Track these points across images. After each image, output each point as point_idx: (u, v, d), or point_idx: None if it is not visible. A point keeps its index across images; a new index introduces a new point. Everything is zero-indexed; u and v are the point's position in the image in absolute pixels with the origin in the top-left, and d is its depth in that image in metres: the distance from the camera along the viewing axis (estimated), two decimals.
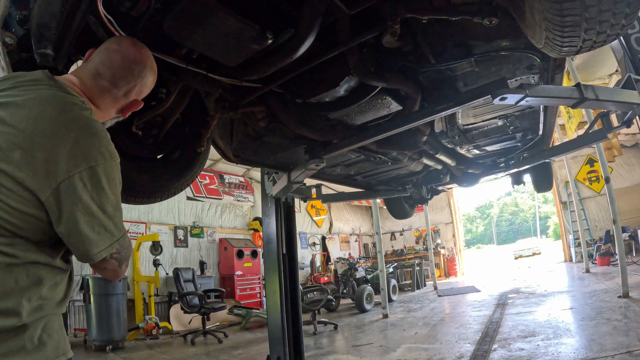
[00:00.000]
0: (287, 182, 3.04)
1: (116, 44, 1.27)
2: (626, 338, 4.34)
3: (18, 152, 0.98)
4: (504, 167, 3.99)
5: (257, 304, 10.80)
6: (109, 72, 1.23)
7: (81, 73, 1.23)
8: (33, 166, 0.98)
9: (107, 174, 1.08)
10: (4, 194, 0.97)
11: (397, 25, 1.63)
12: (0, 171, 0.97)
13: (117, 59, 1.24)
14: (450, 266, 18.74)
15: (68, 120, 1.06)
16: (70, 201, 1.01)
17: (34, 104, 1.05)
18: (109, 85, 1.24)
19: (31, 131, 1.00)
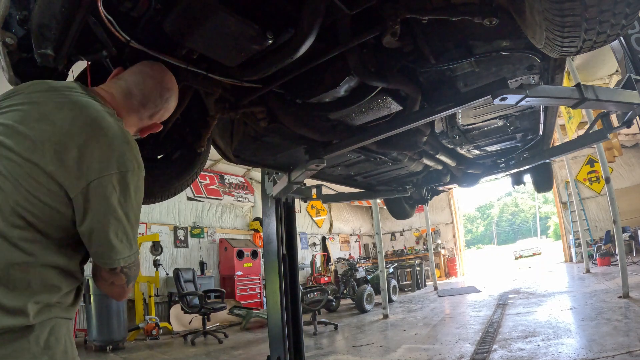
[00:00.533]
0: (288, 183, 3.04)
1: (150, 68, 1.38)
2: (626, 338, 4.34)
3: (52, 148, 1.00)
4: (504, 168, 3.99)
5: (257, 304, 10.80)
6: (140, 94, 1.32)
7: (112, 89, 1.29)
8: (66, 163, 1.00)
9: (135, 182, 1.11)
10: (34, 187, 0.98)
11: (397, 26, 1.63)
12: (33, 163, 0.99)
13: (150, 84, 1.35)
14: (451, 266, 18.74)
15: (103, 126, 1.09)
16: (97, 201, 1.03)
17: (71, 107, 1.09)
18: (138, 105, 1.32)
19: (67, 130, 1.03)
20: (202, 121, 2.26)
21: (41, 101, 1.10)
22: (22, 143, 1.00)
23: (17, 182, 0.97)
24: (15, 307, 0.91)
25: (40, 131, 1.02)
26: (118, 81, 1.34)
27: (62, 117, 1.05)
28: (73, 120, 1.06)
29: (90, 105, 1.13)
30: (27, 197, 0.97)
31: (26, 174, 0.98)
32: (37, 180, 0.98)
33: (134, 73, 1.36)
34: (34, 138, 1.01)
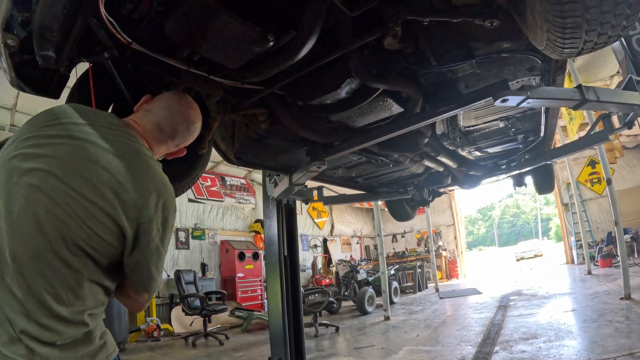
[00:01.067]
0: (289, 184, 3.04)
1: (178, 103, 1.48)
2: (628, 340, 4.33)
3: (111, 192, 1.15)
4: (506, 169, 3.98)
5: (258, 306, 10.80)
6: (170, 129, 1.43)
7: (144, 122, 1.40)
8: (124, 207, 1.16)
9: (171, 224, 1.31)
10: (95, 224, 1.12)
11: (398, 28, 1.63)
12: (95, 205, 1.12)
13: (178, 119, 1.46)
14: (452, 268, 18.72)
15: (153, 175, 1.26)
16: (144, 239, 1.21)
17: (123, 153, 1.21)
18: (167, 138, 1.44)
19: (123, 177, 1.18)
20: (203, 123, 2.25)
21: (89, 139, 1.19)
22: (85, 185, 1.12)
23: (81, 220, 1.10)
24: (78, 320, 1.11)
25: (99, 175, 1.15)
26: (148, 114, 1.42)
27: (117, 163, 1.18)
28: (128, 168, 1.19)
29: (140, 153, 1.27)
30: (89, 233, 1.11)
31: (89, 213, 1.12)
32: (98, 219, 1.12)
33: (164, 109, 1.45)
34: (95, 182, 1.13)
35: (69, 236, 1.09)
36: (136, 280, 1.26)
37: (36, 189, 1.08)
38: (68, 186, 1.10)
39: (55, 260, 1.07)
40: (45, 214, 1.07)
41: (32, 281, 1.04)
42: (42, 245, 1.06)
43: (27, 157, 1.12)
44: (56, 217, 1.08)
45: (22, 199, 1.07)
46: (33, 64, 1.39)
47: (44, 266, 1.06)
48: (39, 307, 1.04)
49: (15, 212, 1.06)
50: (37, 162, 1.11)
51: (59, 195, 1.09)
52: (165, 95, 1.51)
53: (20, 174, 1.09)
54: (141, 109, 1.45)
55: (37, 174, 1.10)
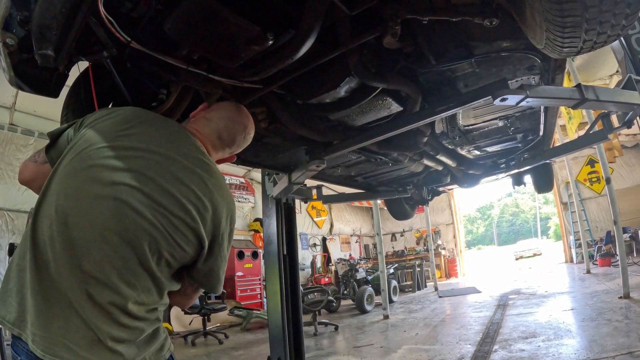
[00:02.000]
0: (288, 183, 3.04)
1: (237, 114, 1.58)
2: (627, 339, 4.34)
3: (194, 208, 1.26)
4: (505, 168, 3.98)
5: (257, 304, 10.80)
6: (229, 138, 1.54)
7: (205, 130, 1.49)
8: (203, 222, 1.28)
9: (234, 232, 1.45)
10: (179, 237, 1.22)
11: (397, 26, 1.63)
12: (180, 219, 1.22)
13: (238, 129, 1.56)
14: (451, 267, 18.74)
15: (224, 191, 1.39)
16: (217, 249, 1.35)
17: (199, 170, 1.32)
18: (226, 147, 1.55)
19: (203, 194, 1.29)
20: None
21: (167, 154, 1.27)
22: (171, 201, 1.22)
23: (168, 233, 1.20)
24: (152, 318, 1.22)
25: (183, 192, 1.25)
26: (209, 123, 1.51)
27: (196, 180, 1.29)
28: (206, 185, 1.30)
29: (212, 168, 1.37)
30: (173, 245, 1.21)
31: (175, 227, 1.21)
32: (182, 232, 1.23)
33: (224, 118, 1.54)
34: (180, 198, 1.23)
35: (155, 247, 1.18)
36: (206, 283, 1.39)
37: (124, 204, 1.14)
38: (155, 202, 1.19)
39: (140, 269, 1.16)
40: (135, 227, 1.14)
41: (116, 289, 1.11)
42: (129, 256, 1.14)
43: (107, 169, 1.17)
44: (144, 230, 1.16)
45: (108, 212, 1.13)
46: (32, 63, 1.39)
47: (130, 274, 1.14)
48: (120, 311, 1.11)
49: (100, 224, 1.11)
50: (120, 176, 1.17)
51: (147, 210, 1.17)
52: (224, 105, 1.61)
53: (103, 185, 1.15)
54: (200, 117, 1.54)
55: (124, 189, 1.16)
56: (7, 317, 1.07)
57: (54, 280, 1.06)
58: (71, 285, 1.06)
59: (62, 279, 1.06)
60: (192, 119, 1.55)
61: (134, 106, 1.47)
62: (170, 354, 1.29)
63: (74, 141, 1.25)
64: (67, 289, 1.05)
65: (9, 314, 1.07)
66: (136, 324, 1.15)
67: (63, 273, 1.06)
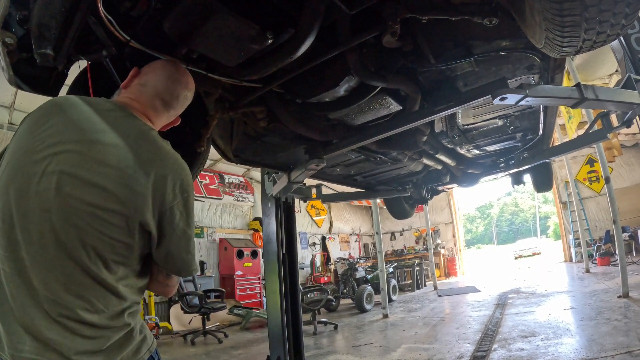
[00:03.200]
0: (287, 182, 3.04)
1: (175, 72, 1.40)
2: (626, 338, 4.35)
3: (126, 190, 1.10)
4: (504, 167, 3.99)
5: (257, 304, 10.80)
6: (171, 99, 1.37)
7: (141, 97, 1.32)
8: (142, 202, 1.11)
9: (192, 202, 1.25)
10: (118, 233, 1.10)
11: (397, 25, 1.63)
12: (112, 212, 1.08)
13: (179, 88, 1.39)
14: (450, 266, 18.74)
15: (164, 157, 1.20)
16: (169, 228, 1.18)
17: (128, 142, 1.15)
18: (167, 109, 1.38)
19: (134, 170, 1.12)
20: (201, 121, 2.25)
21: (90, 138, 1.12)
22: (96, 194, 1.08)
23: (102, 233, 1.07)
24: (120, 323, 1.12)
25: (108, 176, 1.09)
26: (145, 88, 1.34)
27: (124, 156, 1.12)
28: (137, 157, 1.14)
29: (145, 134, 1.21)
30: (113, 244, 1.09)
31: (108, 223, 1.08)
32: (118, 226, 1.09)
33: (163, 79, 1.37)
34: (105, 185, 1.08)
35: (94, 253, 1.07)
36: (171, 268, 1.25)
37: (53, 215, 1.05)
38: (80, 201, 1.07)
39: (86, 279, 1.06)
40: (68, 239, 1.05)
41: (66, 304, 1.04)
42: (71, 268, 1.05)
43: (30, 178, 1.07)
44: (78, 239, 1.05)
45: (44, 228, 1.04)
46: (31, 62, 1.39)
47: (76, 286, 1.05)
48: (78, 323, 1.04)
49: (37, 242, 1.04)
50: (44, 184, 1.06)
51: (75, 216, 1.06)
52: (158, 65, 1.42)
53: (30, 199, 1.06)
54: (134, 84, 1.36)
55: (49, 198, 1.06)
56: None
57: (10, 305, 1.03)
58: (25, 308, 1.02)
59: (17, 301, 1.02)
60: (124, 89, 1.36)
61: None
62: (151, 354, 1.20)
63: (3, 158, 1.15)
64: (22, 313, 1.02)
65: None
66: (100, 333, 1.07)
67: (17, 296, 1.03)
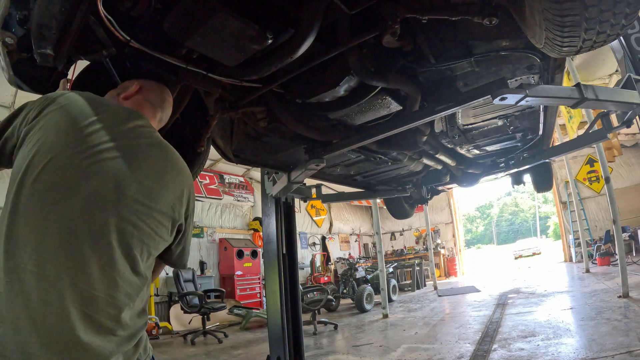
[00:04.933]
0: (287, 182, 3.04)
1: (166, 93, 1.55)
2: (626, 338, 4.35)
3: (173, 196, 1.27)
4: (504, 167, 3.99)
5: (257, 304, 10.80)
6: (164, 115, 1.53)
7: (143, 105, 1.42)
8: (180, 207, 1.30)
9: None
10: (163, 231, 1.24)
11: (397, 25, 1.63)
12: (163, 213, 1.23)
13: (166, 104, 1.54)
14: (450, 266, 18.74)
15: (185, 165, 1.39)
16: (189, 227, 1.39)
17: (159, 148, 1.31)
18: (161, 122, 1.53)
19: (174, 177, 1.30)
20: (201, 121, 2.26)
21: (130, 151, 1.21)
22: (150, 195, 1.20)
23: (154, 231, 1.20)
24: (146, 321, 1.22)
25: (160, 181, 1.24)
26: (145, 102, 1.44)
27: (166, 164, 1.29)
28: (173, 167, 1.31)
29: (176, 158, 1.36)
30: (157, 240, 1.22)
31: (158, 222, 1.22)
32: (164, 225, 1.24)
33: (157, 96, 1.50)
34: (161, 192, 1.23)
35: (146, 251, 1.19)
36: (180, 261, 1.41)
37: (107, 213, 1.10)
38: (138, 202, 1.16)
39: (134, 277, 1.15)
40: (126, 235, 1.12)
41: (115, 299, 1.09)
42: (126, 269, 1.12)
43: (89, 179, 1.10)
44: (138, 237, 1.15)
45: (99, 227, 1.08)
46: (31, 62, 1.39)
47: (127, 284, 1.12)
48: (115, 322, 1.08)
49: (95, 237, 1.07)
50: (104, 184, 1.12)
51: (135, 214, 1.15)
52: (147, 83, 1.52)
53: (89, 196, 1.09)
54: (140, 97, 1.45)
55: (108, 197, 1.12)
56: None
57: (38, 310, 1.00)
58: (63, 312, 1.01)
59: (51, 306, 1.00)
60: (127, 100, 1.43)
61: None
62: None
63: (30, 144, 1.11)
64: (57, 318, 1.01)
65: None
66: (132, 331, 1.13)
67: (50, 300, 0.99)
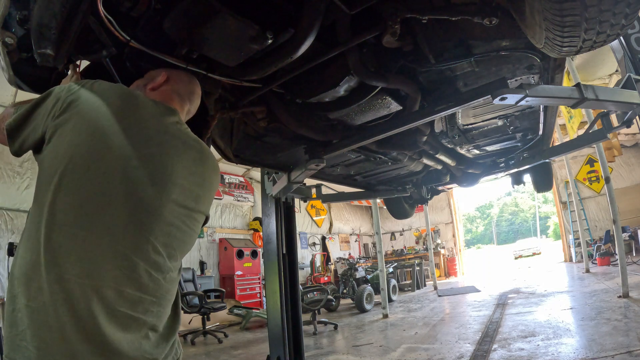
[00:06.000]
0: (287, 182, 3.04)
1: (195, 84, 1.55)
2: (626, 338, 4.35)
3: (209, 195, 1.35)
4: (504, 167, 3.98)
5: (257, 304, 10.80)
6: (192, 107, 1.52)
7: (171, 98, 1.43)
8: (209, 202, 1.37)
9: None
10: (198, 226, 1.30)
11: (397, 25, 1.63)
12: (201, 212, 1.30)
13: (195, 96, 1.54)
14: (450, 266, 18.74)
15: (217, 168, 1.44)
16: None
17: (208, 162, 1.38)
18: (188, 114, 1.52)
19: (210, 182, 1.36)
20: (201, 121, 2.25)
21: (172, 145, 1.27)
22: (198, 200, 1.28)
23: (193, 230, 1.28)
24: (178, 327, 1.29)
25: (197, 185, 1.29)
26: (173, 95, 1.44)
27: (203, 171, 1.33)
28: (213, 175, 1.39)
29: (209, 152, 1.42)
30: (193, 236, 1.30)
31: (196, 221, 1.29)
32: (199, 221, 1.31)
33: (184, 84, 1.50)
34: (196, 191, 1.28)
35: (186, 249, 1.27)
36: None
37: (154, 216, 1.15)
38: (180, 205, 1.22)
39: (174, 274, 1.22)
40: (170, 237, 1.18)
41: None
42: (166, 268, 1.18)
43: (138, 183, 1.14)
44: (181, 239, 1.23)
45: (146, 231, 1.13)
46: (31, 62, 1.39)
47: (168, 282, 1.19)
48: (149, 328, 1.14)
49: (142, 239, 1.12)
50: (150, 187, 1.16)
51: (178, 217, 1.21)
52: (178, 73, 1.54)
53: (137, 200, 1.14)
54: (168, 89, 1.46)
55: (155, 200, 1.16)
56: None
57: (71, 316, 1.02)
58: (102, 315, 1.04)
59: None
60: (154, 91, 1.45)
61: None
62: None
63: (62, 145, 1.11)
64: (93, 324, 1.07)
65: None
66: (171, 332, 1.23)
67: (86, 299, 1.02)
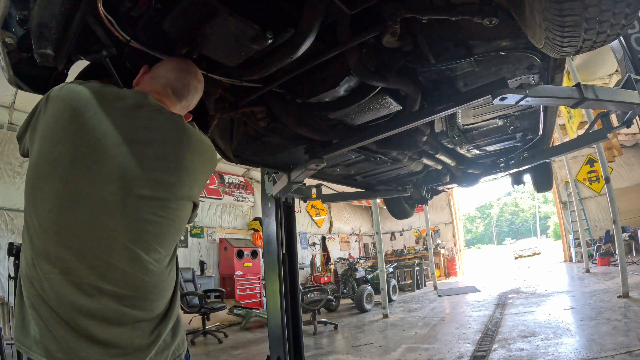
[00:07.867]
0: (287, 182, 3.04)
1: (184, 63, 1.50)
2: (626, 338, 4.34)
3: (187, 177, 1.33)
4: (504, 167, 3.98)
5: (257, 304, 10.80)
6: (180, 86, 1.44)
7: (155, 87, 1.41)
8: (198, 189, 1.38)
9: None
10: (182, 213, 1.31)
11: (397, 25, 1.63)
12: (181, 199, 1.29)
13: (189, 78, 1.47)
14: (450, 266, 18.74)
15: (204, 149, 1.43)
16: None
17: (192, 149, 1.36)
18: (180, 98, 1.45)
19: (186, 159, 1.33)
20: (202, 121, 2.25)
21: (141, 133, 1.25)
22: (172, 188, 1.27)
23: (171, 220, 1.26)
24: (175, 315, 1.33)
25: (184, 172, 1.30)
26: (157, 79, 1.43)
27: (178, 154, 1.30)
28: (204, 163, 1.40)
29: (189, 133, 1.38)
30: (178, 223, 1.30)
31: (176, 209, 1.28)
32: (183, 209, 1.31)
33: (172, 70, 1.45)
34: (167, 179, 1.26)
35: (168, 239, 1.28)
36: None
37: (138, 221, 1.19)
38: (146, 198, 1.21)
39: (157, 266, 1.24)
40: (133, 233, 1.18)
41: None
42: (145, 262, 1.21)
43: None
44: (175, 228, 1.28)
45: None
46: (31, 62, 1.39)
47: (152, 275, 1.22)
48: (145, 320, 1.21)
49: (97, 240, 1.14)
50: (102, 182, 1.17)
51: (169, 207, 1.26)
52: (168, 60, 1.52)
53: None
54: (145, 79, 1.46)
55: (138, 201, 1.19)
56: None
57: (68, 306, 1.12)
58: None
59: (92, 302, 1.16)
60: (136, 86, 1.45)
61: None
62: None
63: (33, 148, 1.22)
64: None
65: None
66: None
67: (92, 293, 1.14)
